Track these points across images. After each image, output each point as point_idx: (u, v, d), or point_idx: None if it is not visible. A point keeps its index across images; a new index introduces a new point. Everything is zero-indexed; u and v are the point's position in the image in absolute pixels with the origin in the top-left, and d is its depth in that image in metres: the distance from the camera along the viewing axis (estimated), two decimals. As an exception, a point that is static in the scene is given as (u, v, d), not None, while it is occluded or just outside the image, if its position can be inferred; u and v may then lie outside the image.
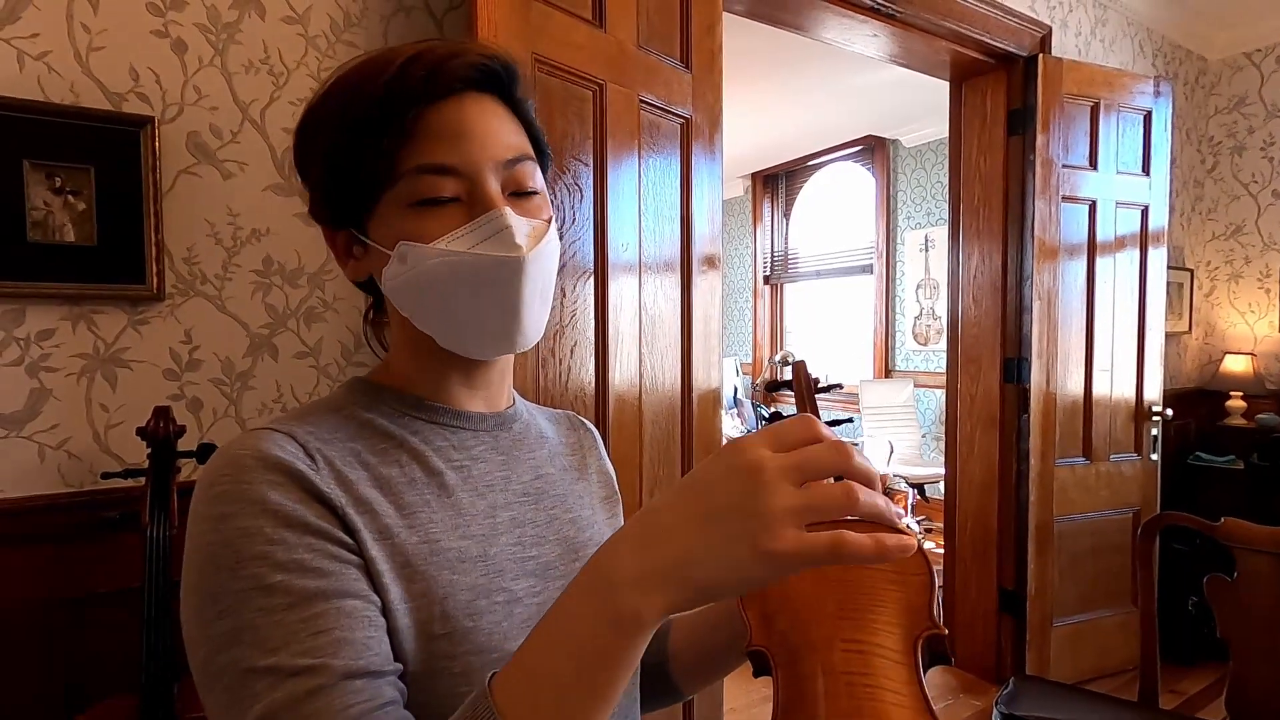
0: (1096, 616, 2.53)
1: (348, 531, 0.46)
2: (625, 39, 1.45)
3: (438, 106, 0.50)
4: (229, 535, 0.42)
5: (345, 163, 0.50)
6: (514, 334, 0.53)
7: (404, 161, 0.49)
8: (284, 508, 0.43)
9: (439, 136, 0.49)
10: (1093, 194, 2.49)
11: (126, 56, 1.16)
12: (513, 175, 0.52)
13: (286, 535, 0.43)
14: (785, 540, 0.33)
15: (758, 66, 3.59)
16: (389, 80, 0.49)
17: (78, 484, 1.14)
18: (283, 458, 0.45)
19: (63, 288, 1.12)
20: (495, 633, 0.49)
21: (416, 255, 0.50)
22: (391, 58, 0.50)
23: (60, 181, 1.11)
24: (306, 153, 0.54)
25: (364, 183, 0.50)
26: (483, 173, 0.50)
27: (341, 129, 0.50)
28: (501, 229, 0.50)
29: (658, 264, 1.56)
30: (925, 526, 4.31)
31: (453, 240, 0.49)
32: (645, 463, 1.55)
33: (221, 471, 0.44)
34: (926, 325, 4.69)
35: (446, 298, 0.51)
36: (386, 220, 0.51)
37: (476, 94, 0.51)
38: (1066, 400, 2.48)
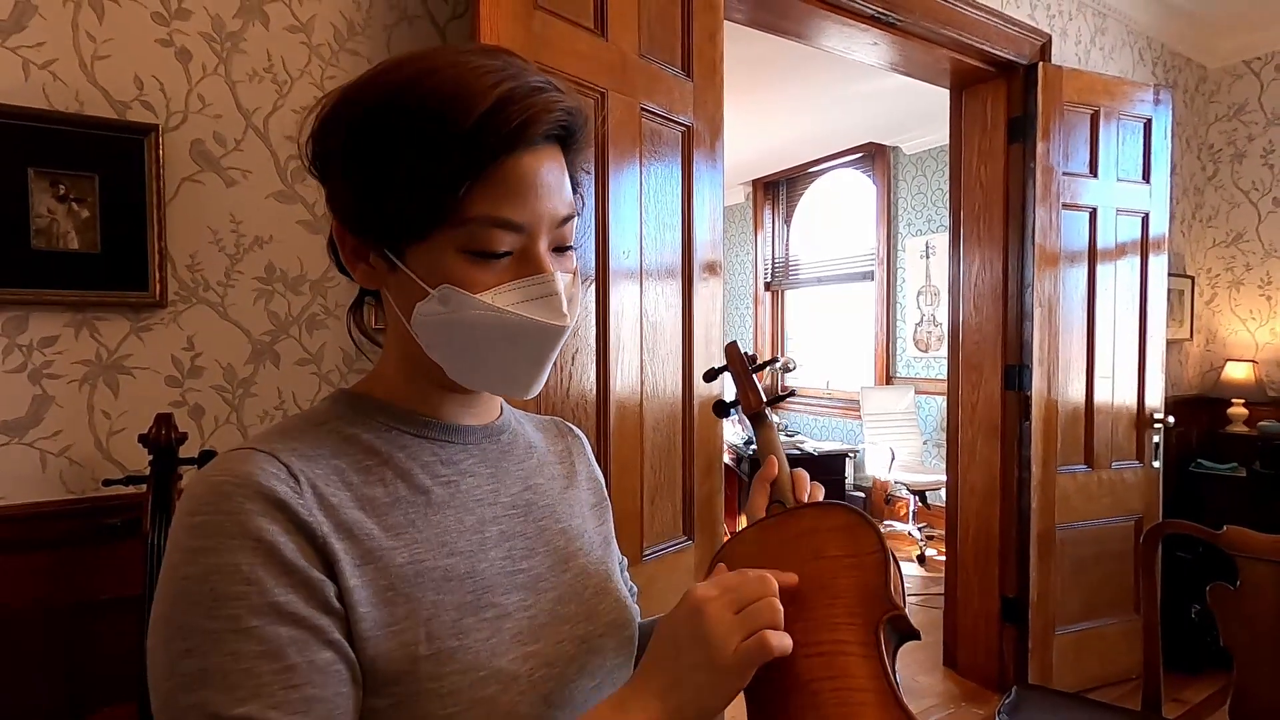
0: (1099, 625, 2.52)
1: (327, 562, 0.45)
2: (627, 48, 1.46)
3: (519, 157, 0.48)
4: (205, 570, 0.41)
5: (406, 186, 0.47)
6: (530, 387, 0.53)
7: (473, 206, 0.47)
8: (263, 543, 0.42)
9: (512, 189, 0.48)
10: (1093, 201, 2.49)
11: (131, 65, 1.17)
12: (561, 233, 0.52)
13: (264, 575, 0.42)
14: (730, 655, 0.46)
15: (759, 74, 3.61)
16: (482, 118, 0.45)
17: (80, 491, 1.14)
18: (264, 483, 0.44)
19: (66, 295, 1.13)
20: (483, 650, 0.48)
21: (459, 301, 0.48)
22: (479, 88, 0.46)
23: (64, 189, 1.12)
24: (348, 154, 0.49)
25: (421, 214, 0.47)
26: (540, 231, 0.50)
27: (415, 149, 0.46)
28: (550, 294, 0.50)
29: (659, 271, 1.57)
30: (926, 533, 4.30)
31: (498, 294, 0.49)
32: (646, 470, 1.55)
33: (201, 500, 0.44)
34: (927, 332, 4.69)
35: (478, 347, 0.50)
36: (433, 256, 0.49)
37: (549, 146, 0.50)
38: (1068, 407, 2.48)
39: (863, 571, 0.53)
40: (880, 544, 0.54)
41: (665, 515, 1.61)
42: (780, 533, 0.59)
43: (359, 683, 0.44)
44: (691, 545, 1.66)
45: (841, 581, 0.53)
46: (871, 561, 0.53)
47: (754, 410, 0.78)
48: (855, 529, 0.56)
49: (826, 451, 4.01)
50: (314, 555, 0.44)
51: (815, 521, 0.58)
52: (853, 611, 0.51)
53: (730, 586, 0.49)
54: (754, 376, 0.81)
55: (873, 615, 0.51)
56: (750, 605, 0.47)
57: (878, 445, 4.38)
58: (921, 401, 4.70)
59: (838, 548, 0.55)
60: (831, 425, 5.42)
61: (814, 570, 0.54)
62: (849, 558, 0.54)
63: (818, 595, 0.53)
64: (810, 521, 0.58)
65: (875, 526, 0.56)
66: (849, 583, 0.53)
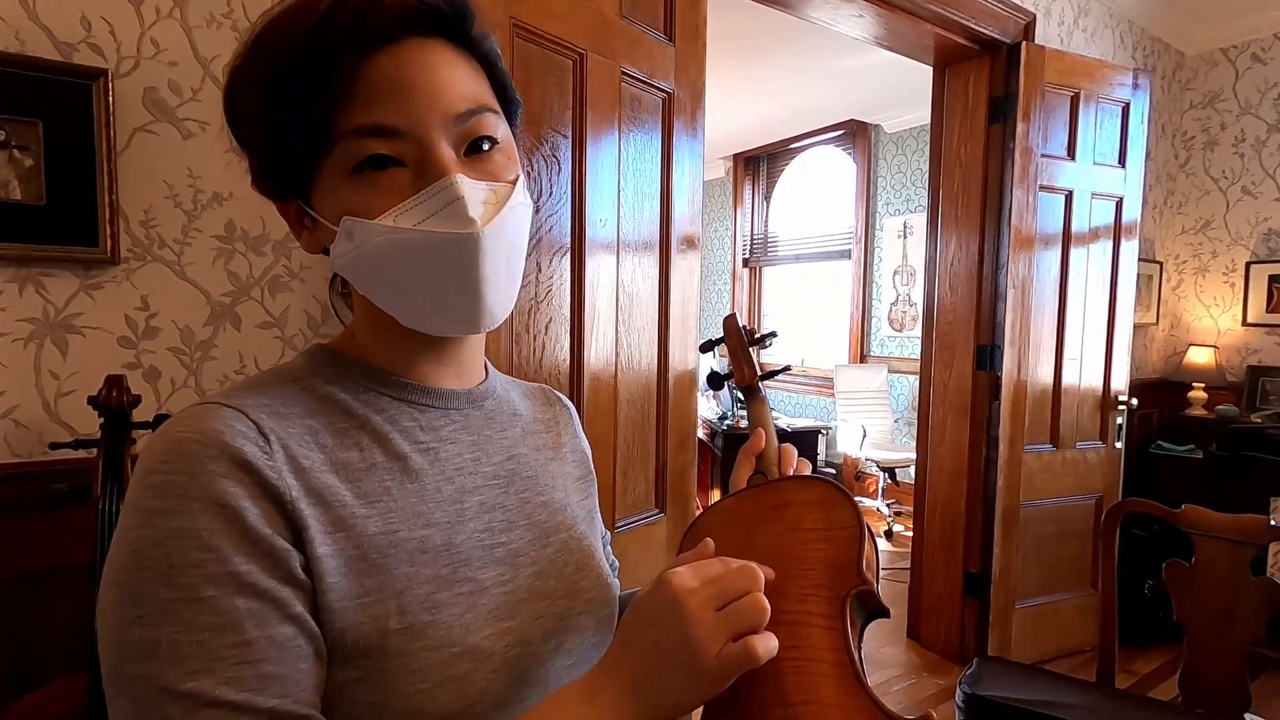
0: (1057, 599, 2.60)
1: (295, 529, 0.42)
2: (607, 7, 1.41)
3: (374, 58, 0.44)
4: (161, 534, 0.39)
5: (276, 127, 0.45)
6: (477, 315, 0.48)
7: (340, 123, 0.44)
8: (225, 507, 0.40)
9: (377, 93, 0.44)
10: (1070, 184, 2.51)
11: (78, 4, 1.10)
12: (468, 129, 0.46)
13: (223, 542, 0.39)
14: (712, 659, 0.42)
15: (742, 46, 3.55)
16: (313, 27, 0.43)
17: (26, 455, 1.09)
18: (230, 442, 0.41)
19: (9, 248, 1.06)
20: (456, 625, 0.46)
21: (362, 232, 0.45)
22: (315, 2, 0.43)
23: (4, 135, 1.05)
24: (237, 118, 0.48)
25: (299, 149, 0.45)
26: (430, 132, 0.45)
27: (266, 89, 0.44)
28: (452, 200, 0.44)
29: (636, 242, 1.54)
30: (895, 510, 4.38)
31: (399, 215, 0.44)
32: (620, 442, 1.54)
33: (162, 458, 0.41)
34: (902, 311, 4.72)
35: (399, 278, 0.46)
36: (329, 191, 0.46)
37: (420, 39, 0.45)
38: (1036, 388, 2.52)
39: (835, 545, 0.53)
40: (856, 519, 0.54)
41: (638, 488, 1.60)
42: (758, 503, 0.59)
43: (323, 658, 0.42)
44: (663, 518, 1.66)
45: (813, 553, 0.53)
46: (845, 536, 0.53)
47: (747, 383, 0.78)
48: (833, 503, 0.55)
49: (800, 428, 4.05)
50: (280, 521, 0.42)
51: (794, 494, 0.58)
52: (820, 584, 0.51)
53: (713, 578, 0.44)
54: (750, 350, 0.81)
55: (841, 588, 0.50)
56: (735, 603, 0.44)
57: (850, 423, 4.43)
58: (894, 380, 4.75)
59: (813, 520, 0.55)
60: (805, 402, 5.46)
61: (788, 541, 0.54)
62: (823, 530, 0.54)
63: (789, 565, 0.52)
64: (789, 494, 0.58)
65: (853, 502, 0.56)
66: (820, 555, 0.52)
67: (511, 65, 1.23)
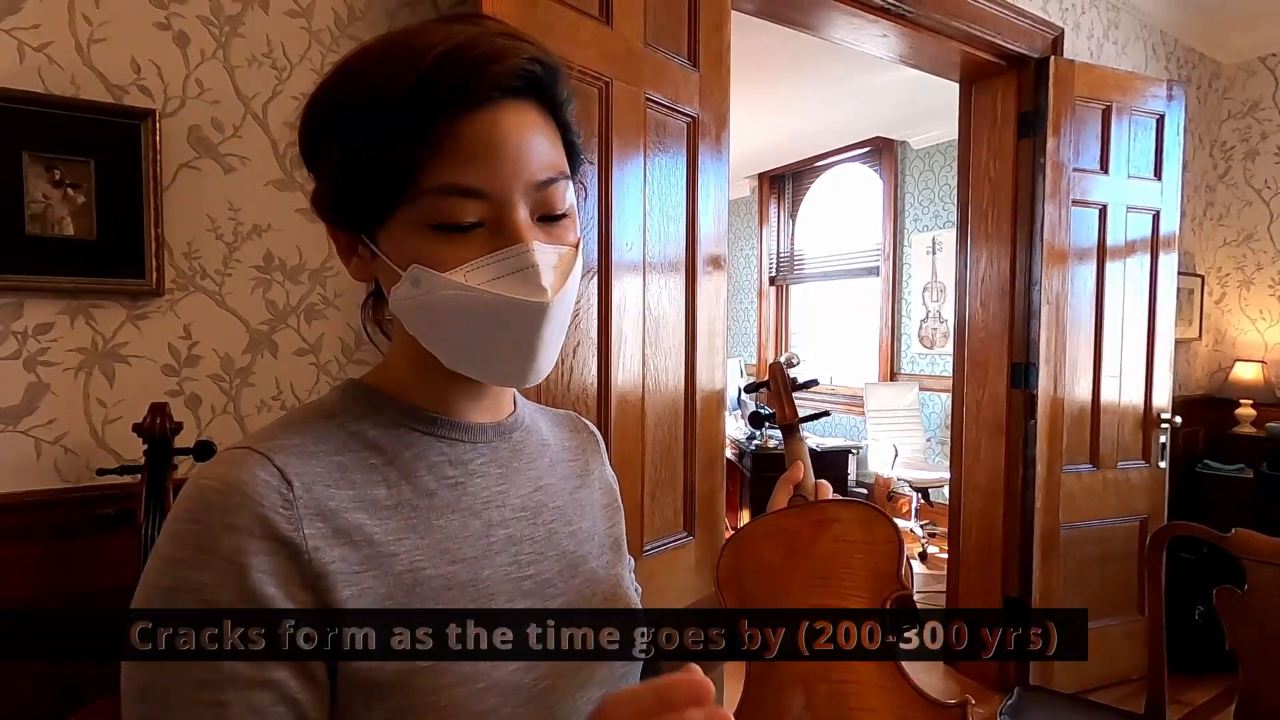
0: (1102, 625, 2.50)
1: (311, 578, 0.43)
2: (632, 36, 1.43)
3: (471, 117, 0.44)
4: (170, 584, 0.41)
5: (360, 167, 0.45)
6: (526, 373, 0.49)
7: (428, 177, 0.44)
8: (233, 564, 0.41)
9: (469, 153, 0.44)
10: (1103, 198, 2.46)
11: (128, 49, 1.15)
12: (544, 198, 0.47)
13: (222, 599, 0.40)
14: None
15: (766, 66, 3.57)
16: (418, 80, 0.42)
17: (74, 480, 1.13)
18: (250, 493, 0.42)
19: (61, 281, 1.11)
20: (483, 661, 0.46)
21: (430, 282, 0.45)
22: (419, 49, 0.43)
23: (60, 174, 1.10)
24: (315, 146, 0.48)
25: (379, 193, 0.45)
26: (512, 198, 0.45)
27: (359, 129, 0.44)
28: (526, 266, 0.45)
29: (662, 264, 1.55)
30: (929, 531, 4.28)
31: (471, 271, 0.44)
32: (647, 464, 1.54)
33: (186, 506, 0.43)
34: (932, 329, 4.66)
35: (459, 330, 0.47)
36: (400, 236, 0.46)
37: (515, 102, 0.45)
38: (1074, 406, 2.46)
39: (876, 555, 0.56)
40: (895, 535, 0.58)
41: (666, 510, 1.60)
42: (801, 519, 0.62)
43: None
44: (692, 541, 1.64)
45: (855, 561, 0.57)
46: (885, 549, 0.57)
47: (788, 422, 0.86)
48: (873, 521, 0.60)
49: (829, 447, 4.00)
50: (295, 574, 0.42)
51: (837, 512, 0.62)
52: (861, 584, 0.55)
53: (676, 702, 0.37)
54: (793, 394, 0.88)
55: (882, 592, 0.54)
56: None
57: (881, 442, 4.36)
58: (925, 398, 4.67)
59: (856, 535, 0.59)
60: (835, 421, 5.40)
61: (832, 550, 0.58)
62: (865, 543, 0.58)
63: (832, 569, 0.56)
64: (831, 512, 0.62)
65: (892, 521, 0.60)
66: (861, 562, 0.56)
67: (538, 95, 1.26)
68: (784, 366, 0.89)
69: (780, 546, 0.59)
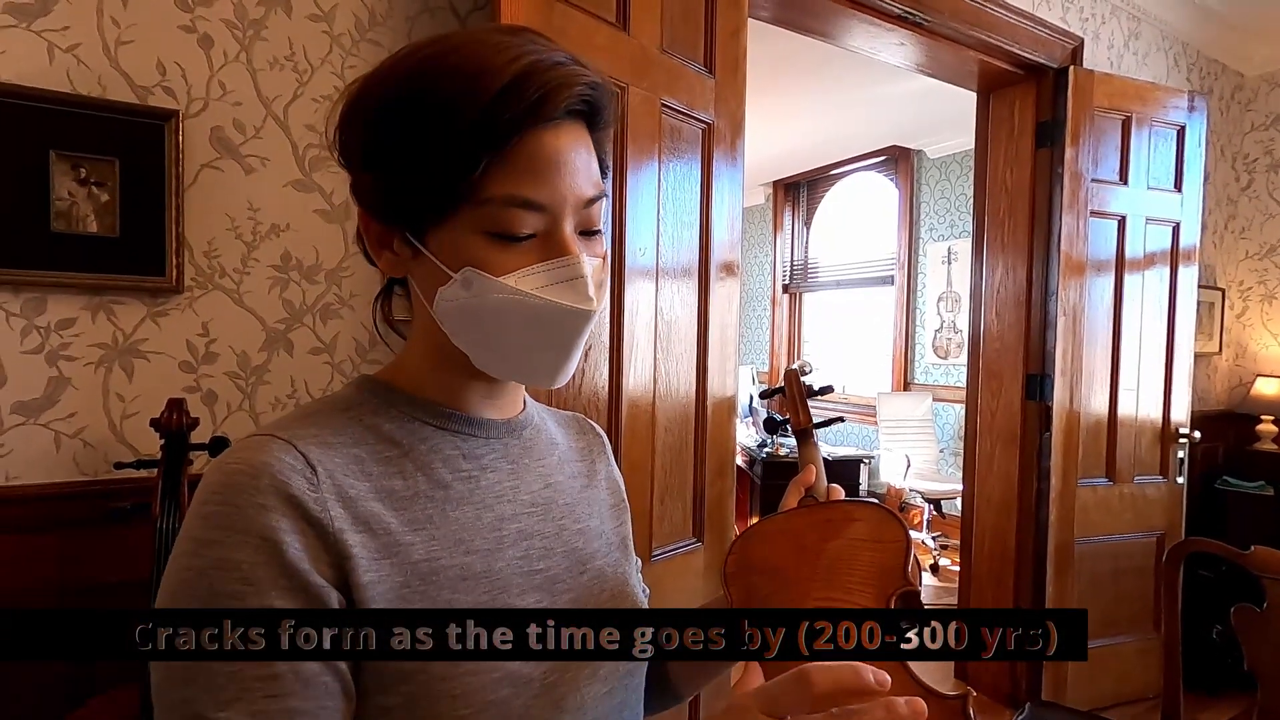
0: (1116, 642, 2.47)
1: (338, 559, 0.44)
2: (648, 42, 1.44)
3: (538, 134, 0.46)
4: (207, 565, 0.41)
5: (425, 166, 0.46)
6: (558, 375, 0.51)
7: (492, 185, 0.46)
8: (268, 540, 0.41)
9: (533, 168, 0.46)
10: (1122, 209, 2.44)
11: (154, 51, 1.17)
12: (588, 215, 0.50)
13: (263, 576, 0.41)
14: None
15: (782, 74, 3.57)
16: (499, 94, 0.44)
17: (93, 473, 1.15)
18: (277, 475, 0.43)
19: (84, 278, 1.13)
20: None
21: (483, 285, 0.47)
22: (499, 64, 0.45)
23: (85, 172, 1.13)
24: (372, 138, 0.49)
25: (441, 194, 0.47)
26: (565, 212, 0.48)
27: (430, 130, 0.45)
28: (576, 278, 0.48)
29: (675, 269, 1.55)
30: (941, 543, 4.24)
31: (524, 278, 0.47)
32: (657, 469, 1.54)
33: (214, 489, 0.43)
34: (947, 339, 4.62)
35: (503, 333, 0.49)
36: (455, 238, 0.48)
37: (572, 123, 0.48)
38: (1090, 419, 2.43)
39: (883, 553, 0.56)
40: (904, 535, 0.57)
41: (675, 516, 1.59)
42: (811, 517, 0.62)
43: (350, 696, 0.43)
44: (701, 547, 1.64)
45: (862, 558, 0.57)
46: (893, 547, 0.56)
47: (802, 427, 0.87)
48: (883, 521, 0.59)
49: (841, 457, 3.97)
50: (323, 552, 0.43)
51: (846, 512, 0.62)
52: (866, 581, 0.55)
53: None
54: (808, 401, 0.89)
55: (887, 588, 0.54)
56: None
57: (893, 452, 4.33)
58: (939, 409, 4.64)
59: (864, 533, 0.59)
60: (846, 430, 5.36)
61: (837, 546, 0.58)
62: (873, 541, 0.58)
63: (837, 564, 0.56)
64: (840, 511, 0.62)
65: (902, 522, 0.59)
66: (868, 560, 0.56)
67: (555, 100, 1.27)
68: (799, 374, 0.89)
69: (788, 544, 0.59)
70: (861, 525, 0.59)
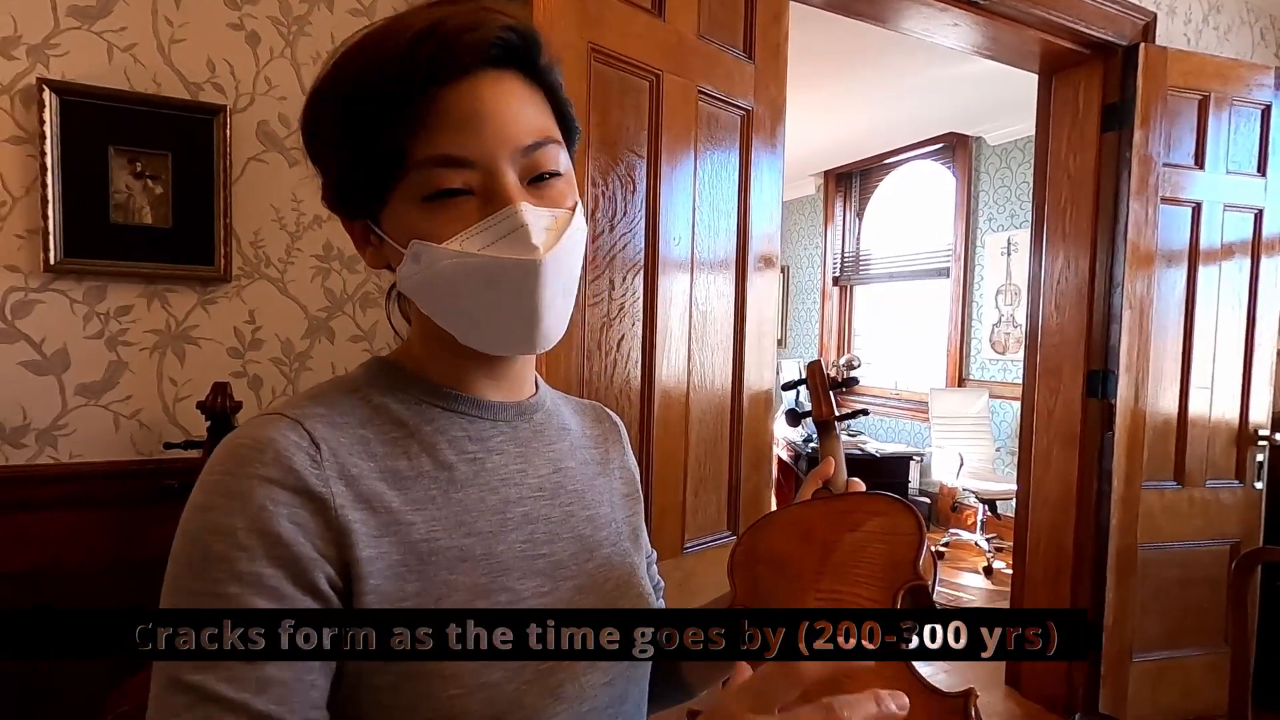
0: (1182, 655, 2.33)
1: (339, 533, 0.44)
2: (685, 28, 1.42)
3: (450, 89, 0.45)
4: (203, 529, 0.42)
5: (353, 153, 0.47)
6: (533, 336, 0.50)
7: (415, 152, 0.45)
8: (264, 510, 0.42)
9: (452, 123, 0.45)
10: (1198, 196, 2.28)
11: (204, 48, 1.22)
12: (533, 162, 0.48)
13: (255, 543, 0.41)
14: None
15: (833, 61, 3.48)
16: (395, 60, 0.44)
17: (148, 453, 1.21)
18: (282, 450, 0.44)
19: (140, 267, 1.19)
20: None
21: (430, 255, 0.47)
22: (399, 31, 0.45)
23: (141, 166, 1.18)
24: (314, 140, 0.50)
25: (374, 174, 0.47)
26: (498, 163, 0.46)
27: (346, 115, 0.46)
28: (517, 227, 0.46)
29: (711, 260, 1.53)
30: (995, 545, 4.09)
31: (466, 240, 0.46)
32: (691, 462, 1.52)
33: (220, 459, 0.44)
34: (1005, 333, 4.44)
35: (462, 300, 0.48)
36: (399, 214, 0.48)
37: (495, 72, 0.47)
38: (1157, 419, 2.29)
39: (894, 546, 0.54)
40: (918, 528, 0.55)
41: (709, 508, 1.58)
42: (823, 508, 0.61)
43: (329, 670, 0.44)
44: (735, 539, 1.62)
45: (871, 550, 0.55)
46: (905, 540, 0.54)
47: (824, 419, 0.85)
48: (897, 513, 0.57)
49: (890, 453, 3.87)
50: (322, 527, 0.44)
51: (858, 503, 0.60)
52: (874, 574, 0.53)
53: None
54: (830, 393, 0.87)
55: (895, 581, 0.52)
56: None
57: (945, 449, 4.19)
58: (996, 406, 4.46)
59: (876, 525, 0.57)
60: (897, 427, 5.22)
61: (848, 539, 0.56)
62: (884, 534, 0.56)
63: (844, 556, 0.55)
64: (854, 503, 0.60)
65: (917, 514, 0.57)
66: (878, 552, 0.54)
67: (588, 88, 1.26)
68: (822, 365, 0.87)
69: (797, 535, 0.57)
70: (875, 518, 0.57)
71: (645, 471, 1.42)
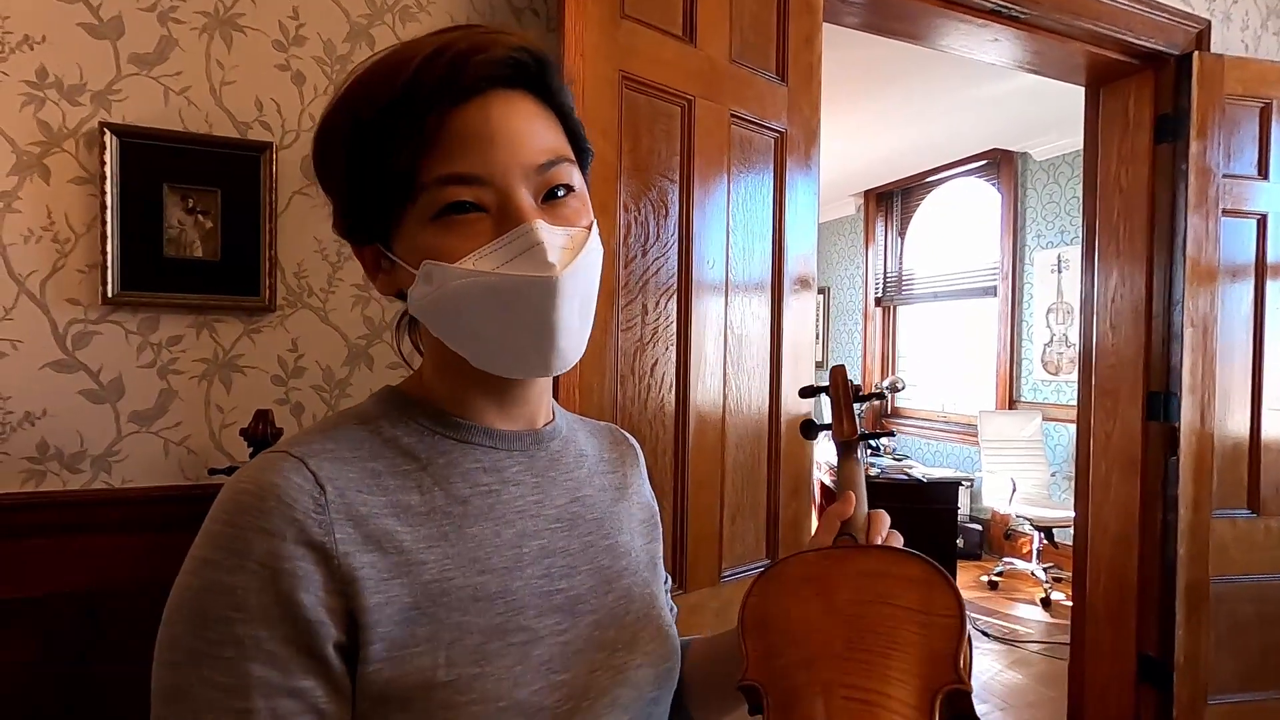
0: (1264, 698, 2.17)
1: (342, 582, 0.43)
2: (716, 53, 1.42)
3: (461, 109, 0.45)
4: (202, 585, 0.41)
5: (364, 175, 0.47)
6: (550, 357, 0.48)
7: (425, 172, 0.45)
8: (265, 567, 0.41)
9: (463, 143, 0.45)
10: (1263, 207, 2.18)
11: (253, 89, 1.27)
12: (546, 179, 0.48)
13: (255, 604, 0.40)
14: None
15: (871, 80, 3.46)
16: (405, 82, 0.44)
17: (195, 478, 1.25)
18: (284, 496, 0.43)
19: (190, 298, 1.24)
20: (505, 679, 0.45)
21: (442, 275, 0.46)
22: (409, 55, 0.46)
23: (192, 202, 1.23)
24: (324, 166, 0.51)
25: (385, 197, 0.47)
26: (511, 181, 0.46)
27: (357, 139, 0.46)
28: (532, 245, 0.45)
29: (746, 283, 1.51)
30: (1053, 575, 3.90)
31: (479, 259, 0.45)
32: (727, 488, 1.49)
33: (222, 506, 0.44)
34: (1058, 353, 4.28)
35: (476, 320, 0.47)
36: (411, 236, 0.47)
37: (505, 92, 0.47)
38: (1226, 442, 2.16)
39: (932, 631, 0.47)
40: (959, 609, 0.48)
41: (747, 536, 1.54)
42: (845, 565, 0.53)
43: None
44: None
45: (906, 634, 0.47)
46: (945, 624, 0.47)
47: (844, 439, 0.74)
48: (933, 585, 0.49)
49: (937, 478, 3.74)
50: (326, 578, 0.42)
51: (888, 565, 0.52)
52: (909, 670, 0.45)
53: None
54: (854, 406, 0.77)
55: (934, 681, 0.44)
56: None
57: (997, 474, 4.04)
58: (1050, 429, 4.29)
59: (910, 600, 0.49)
60: (945, 450, 5.06)
61: (876, 614, 0.49)
62: (920, 613, 0.48)
63: (874, 640, 0.47)
64: (882, 563, 0.52)
65: (957, 590, 0.49)
66: (914, 639, 0.47)
67: (620, 116, 1.27)
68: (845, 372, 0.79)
69: (817, 602, 0.50)
70: (905, 586, 0.50)
71: (680, 498, 1.40)
